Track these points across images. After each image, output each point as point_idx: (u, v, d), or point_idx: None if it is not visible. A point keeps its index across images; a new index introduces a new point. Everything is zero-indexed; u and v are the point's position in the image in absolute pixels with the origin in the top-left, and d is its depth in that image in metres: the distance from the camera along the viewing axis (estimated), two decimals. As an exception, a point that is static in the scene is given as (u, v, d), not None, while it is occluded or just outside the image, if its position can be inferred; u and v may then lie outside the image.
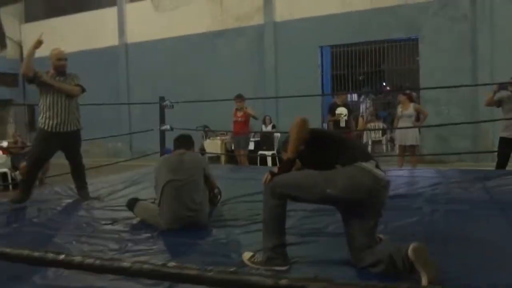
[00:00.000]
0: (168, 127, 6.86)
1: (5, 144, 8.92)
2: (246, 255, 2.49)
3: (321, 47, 10.58)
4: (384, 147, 10.52)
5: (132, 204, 3.51)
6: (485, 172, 5.18)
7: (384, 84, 13.17)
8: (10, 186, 7.96)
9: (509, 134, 5.46)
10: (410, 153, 7.73)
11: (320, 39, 10.35)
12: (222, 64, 11.12)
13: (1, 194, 7.42)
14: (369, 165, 2.32)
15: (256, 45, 11.05)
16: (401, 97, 7.85)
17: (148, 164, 7.69)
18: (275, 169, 2.50)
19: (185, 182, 3.23)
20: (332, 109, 8.32)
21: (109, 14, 12.79)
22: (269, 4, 10.71)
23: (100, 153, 13.27)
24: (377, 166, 2.37)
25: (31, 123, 14.20)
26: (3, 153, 8.38)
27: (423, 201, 3.76)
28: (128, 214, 3.56)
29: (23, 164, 8.08)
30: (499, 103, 5.61)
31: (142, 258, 2.49)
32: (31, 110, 13.68)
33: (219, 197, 3.91)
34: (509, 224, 3.03)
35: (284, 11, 10.61)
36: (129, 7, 12.61)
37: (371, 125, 10.57)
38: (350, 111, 8.34)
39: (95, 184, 5.30)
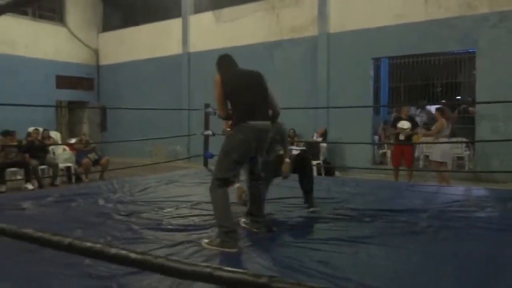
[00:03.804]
0: (210, 132, 7.24)
1: (73, 141, 9.84)
2: (205, 240, 2.91)
3: (375, 59, 10.50)
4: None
5: None
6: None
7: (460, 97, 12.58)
8: (73, 179, 8.81)
9: None
10: (435, 168, 7.60)
11: (373, 51, 10.28)
12: (277, 73, 11.36)
13: (64, 186, 8.29)
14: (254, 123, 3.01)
15: (310, 55, 11.21)
16: (436, 112, 7.73)
17: (192, 166, 8.24)
18: None
19: None
20: (394, 122, 8.27)
21: (174, 24, 13.62)
22: (323, 16, 10.85)
23: (162, 155, 14.11)
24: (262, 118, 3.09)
25: (103, 123, 15.42)
26: (70, 149, 9.27)
27: (426, 217, 3.76)
28: (144, 208, 3.99)
29: (85, 160, 8.99)
30: None
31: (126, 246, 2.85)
32: (103, 112, 14.87)
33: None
34: (497, 244, 2.99)
35: (337, 23, 10.70)
36: (192, 19, 13.35)
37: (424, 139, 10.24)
38: (414, 125, 8.16)
39: (136, 181, 5.85)
